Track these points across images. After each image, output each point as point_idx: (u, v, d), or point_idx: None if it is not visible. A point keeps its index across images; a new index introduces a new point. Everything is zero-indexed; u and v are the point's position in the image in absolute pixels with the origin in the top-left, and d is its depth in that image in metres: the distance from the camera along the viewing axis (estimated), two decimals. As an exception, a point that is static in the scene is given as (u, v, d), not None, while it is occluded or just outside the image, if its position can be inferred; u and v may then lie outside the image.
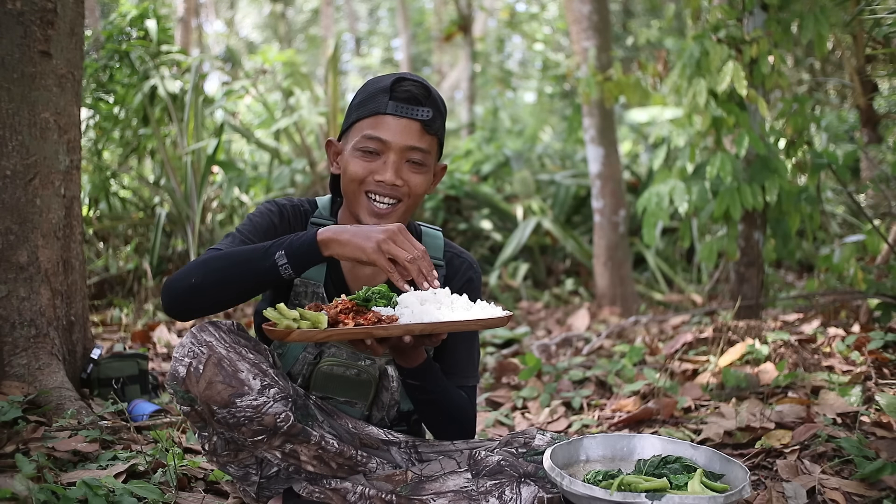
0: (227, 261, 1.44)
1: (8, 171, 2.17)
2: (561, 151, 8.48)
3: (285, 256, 1.40)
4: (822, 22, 3.19)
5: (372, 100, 1.56)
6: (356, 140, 1.56)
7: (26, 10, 2.17)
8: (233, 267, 1.43)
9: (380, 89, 1.55)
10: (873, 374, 2.34)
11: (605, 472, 1.41)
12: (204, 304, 1.45)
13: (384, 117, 1.54)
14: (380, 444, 1.64)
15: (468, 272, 1.71)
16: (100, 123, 5.15)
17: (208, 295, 1.43)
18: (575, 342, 3.78)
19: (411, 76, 1.57)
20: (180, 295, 1.44)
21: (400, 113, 1.53)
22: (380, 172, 1.54)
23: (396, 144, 1.54)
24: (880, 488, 1.67)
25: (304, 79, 6.63)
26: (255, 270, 1.42)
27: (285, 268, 1.41)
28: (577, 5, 5.23)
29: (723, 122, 3.31)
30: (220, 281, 1.43)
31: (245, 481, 1.58)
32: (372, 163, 1.55)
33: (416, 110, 1.53)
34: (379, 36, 19.65)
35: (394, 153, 1.54)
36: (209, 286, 1.43)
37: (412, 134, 1.54)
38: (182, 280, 1.43)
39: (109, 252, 5.09)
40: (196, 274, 1.43)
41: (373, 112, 1.54)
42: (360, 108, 1.57)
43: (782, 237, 3.45)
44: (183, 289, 1.43)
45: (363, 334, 1.34)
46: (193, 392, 1.42)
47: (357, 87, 1.85)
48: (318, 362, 1.63)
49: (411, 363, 1.52)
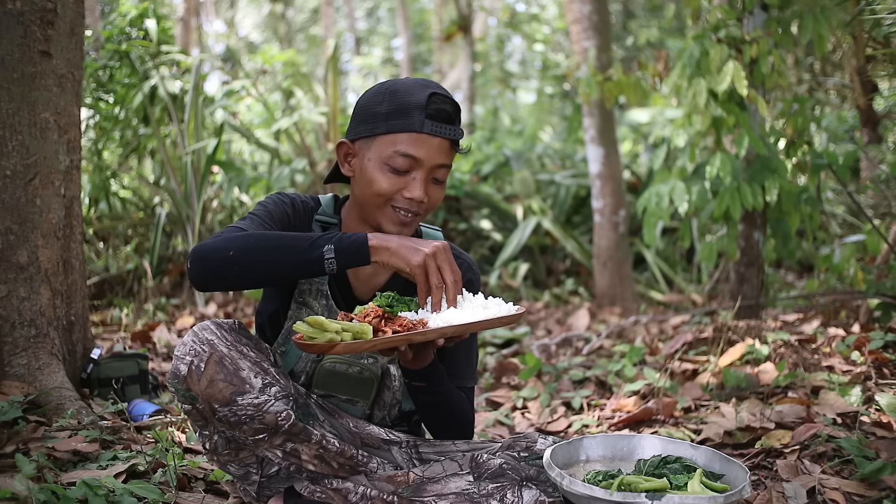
0: (270, 241, 1.43)
1: (8, 171, 2.17)
2: (561, 151, 8.48)
3: (333, 251, 1.40)
4: (822, 22, 3.19)
5: (405, 115, 1.50)
6: (386, 154, 1.52)
7: (26, 10, 2.17)
8: (276, 249, 1.42)
9: (414, 105, 1.50)
10: (873, 374, 2.34)
11: (605, 472, 1.41)
12: (235, 279, 1.42)
13: (420, 136, 1.50)
14: (381, 444, 1.64)
15: (467, 273, 1.71)
16: (100, 123, 5.15)
17: (244, 271, 1.40)
18: (575, 342, 3.78)
19: (441, 90, 1.53)
20: (215, 265, 1.40)
21: (436, 132, 1.50)
22: (409, 189, 1.52)
23: (428, 163, 1.52)
24: (880, 488, 1.67)
25: (304, 79, 6.63)
26: (298, 258, 1.41)
27: (330, 262, 1.40)
28: (577, 5, 5.23)
29: (723, 122, 3.31)
30: (261, 261, 1.41)
31: (245, 480, 1.58)
32: (401, 178, 1.53)
33: (450, 129, 1.52)
34: (379, 36, 19.65)
35: (424, 171, 1.52)
36: (248, 263, 1.40)
37: (444, 152, 1.53)
38: (219, 251, 1.40)
39: (109, 252, 5.10)
40: (236, 248, 1.40)
41: (408, 129, 1.50)
42: (391, 119, 1.51)
43: (782, 237, 3.45)
44: (219, 259, 1.40)
45: (403, 341, 1.35)
46: (195, 390, 1.42)
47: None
48: (320, 360, 1.63)
49: (420, 365, 1.52)
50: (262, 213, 1.57)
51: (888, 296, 2.90)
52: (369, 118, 1.54)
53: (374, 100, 1.55)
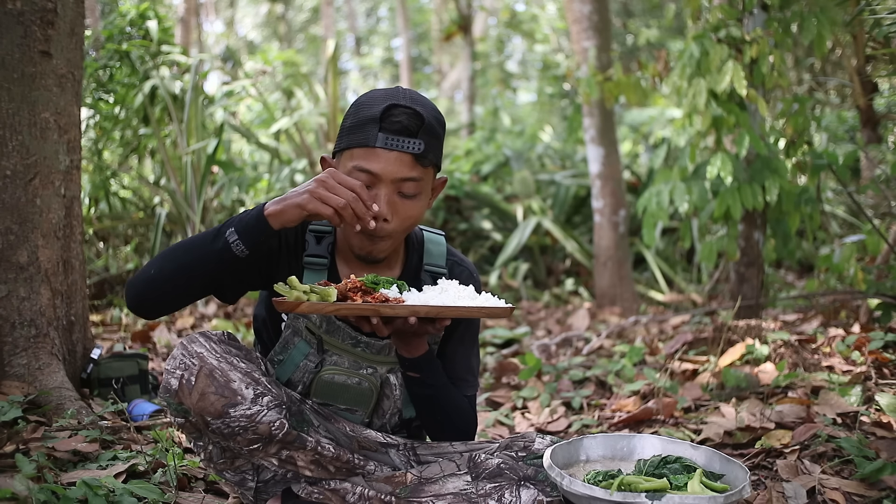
0: (182, 247, 1.45)
1: (8, 171, 2.17)
2: (561, 151, 8.48)
3: (236, 233, 1.40)
4: (823, 22, 3.18)
5: (361, 129, 1.47)
6: (346, 169, 1.49)
7: (26, 10, 2.17)
8: (187, 253, 1.44)
9: (369, 118, 1.46)
10: (873, 374, 2.34)
11: (605, 472, 1.41)
12: (163, 296, 1.44)
13: (374, 150, 1.45)
14: (378, 447, 1.64)
15: (468, 280, 1.70)
16: (100, 123, 5.15)
17: (167, 285, 1.43)
18: (575, 342, 3.78)
19: (404, 102, 1.47)
20: (142, 289, 1.44)
21: (390, 146, 1.45)
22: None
23: (387, 177, 1.47)
24: (880, 488, 1.67)
25: (304, 79, 6.64)
26: (208, 251, 1.42)
27: (236, 244, 1.40)
28: (577, 5, 5.23)
29: (723, 122, 3.31)
30: (177, 268, 1.43)
31: (242, 486, 1.58)
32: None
33: (407, 142, 1.46)
34: (379, 36, 19.65)
35: (385, 186, 1.48)
36: (167, 275, 1.42)
37: (403, 166, 1.47)
38: (142, 275, 1.44)
39: (109, 252, 5.10)
40: (154, 266, 1.43)
41: (362, 143, 1.47)
42: (350, 134, 1.49)
43: (782, 237, 3.45)
44: (143, 282, 1.44)
45: (370, 311, 1.35)
46: (187, 404, 1.41)
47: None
48: (319, 371, 1.61)
49: (413, 353, 1.52)
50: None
51: (888, 296, 2.90)
52: (340, 133, 1.54)
53: (346, 113, 1.54)
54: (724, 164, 3.19)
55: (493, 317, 1.45)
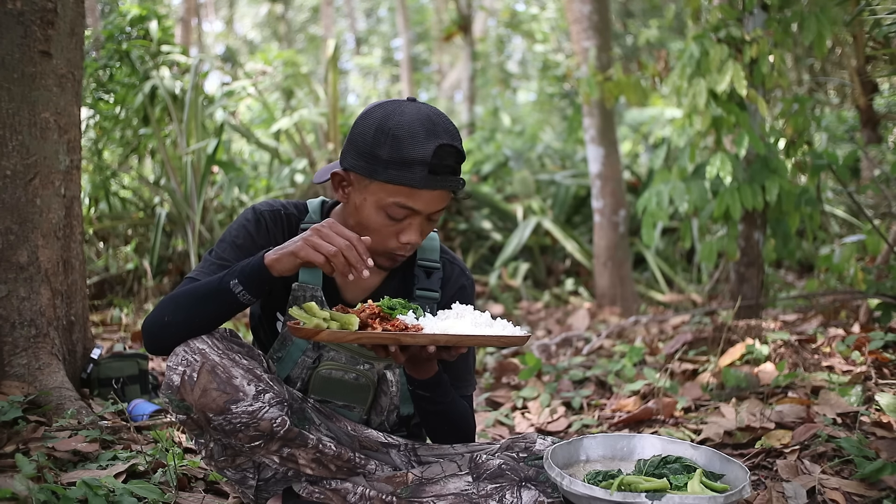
0: (192, 297, 1.47)
1: (8, 170, 2.17)
2: (561, 151, 8.48)
3: (240, 285, 1.42)
4: (823, 22, 3.18)
5: (408, 169, 1.43)
6: (385, 202, 1.47)
7: (26, 10, 2.17)
8: (197, 303, 1.46)
9: (419, 160, 1.43)
10: (873, 374, 2.34)
11: (605, 472, 1.41)
12: (179, 340, 1.46)
13: (420, 191, 1.46)
14: (379, 447, 1.64)
15: (461, 279, 1.71)
16: (100, 123, 5.15)
17: (181, 331, 1.46)
18: (575, 342, 3.78)
19: (447, 139, 1.45)
20: (159, 334, 1.47)
21: (436, 187, 1.46)
22: (405, 234, 1.51)
23: (427, 211, 1.50)
24: (880, 488, 1.67)
25: (304, 79, 6.64)
26: (218, 303, 1.44)
27: (242, 294, 1.42)
28: (577, 5, 5.23)
29: (723, 122, 3.31)
30: (190, 317, 1.46)
31: (243, 484, 1.58)
32: (396, 223, 1.51)
33: (452, 181, 1.48)
34: (379, 36, 19.65)
35: (421, 217, 1.51)
36: (182, 322, 1.46)
37: (443, 200, 1.51)
38: (156, 320, 1.47)
39: (109, 252, 5.10)
40: (167, 312, 1.47)
41: (408, 184, 1.44)
42: (391, 170, 1.44)
43: (782, 237, 3.45)
44: (159, 327, 1.47)
45: (391, 340, 1.35)
46: (188, 400, 1.41)
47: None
48: (316, 366, 1.62)
49: (424, 375, 1.52)
50: (221, 249, 1.58)
51: (888, 296, 2.90)
52: (368, 158, 1.46)
53: (375, 139, 1.46)
54: (723, 164, 3.19)
55: (511, 345, 1.45)
